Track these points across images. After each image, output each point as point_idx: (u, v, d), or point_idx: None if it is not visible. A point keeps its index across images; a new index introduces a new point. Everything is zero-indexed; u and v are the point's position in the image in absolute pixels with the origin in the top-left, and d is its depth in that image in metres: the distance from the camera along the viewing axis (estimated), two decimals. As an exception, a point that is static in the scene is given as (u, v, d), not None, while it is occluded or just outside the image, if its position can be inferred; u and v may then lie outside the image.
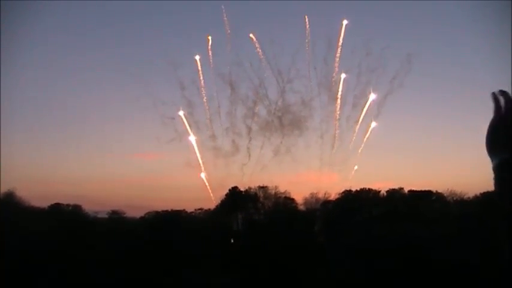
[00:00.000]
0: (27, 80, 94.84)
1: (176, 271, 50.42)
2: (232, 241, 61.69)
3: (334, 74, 65.08)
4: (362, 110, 64.47)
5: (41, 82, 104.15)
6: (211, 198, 66.94)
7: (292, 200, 63.41)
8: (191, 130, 66.27)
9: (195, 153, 65.54)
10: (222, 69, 70.09)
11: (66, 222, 58.30)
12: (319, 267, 50.18)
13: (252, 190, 62.92)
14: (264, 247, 53.83)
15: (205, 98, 66.91)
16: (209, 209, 65.24)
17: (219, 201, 62.73)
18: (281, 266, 50.87)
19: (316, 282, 48.67)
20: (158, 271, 50.31)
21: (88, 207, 65.17)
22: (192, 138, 65.46)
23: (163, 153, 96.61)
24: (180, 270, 50.44)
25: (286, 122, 67.34)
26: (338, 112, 66.24)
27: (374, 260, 47.88)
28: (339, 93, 65.16)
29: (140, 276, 49.02)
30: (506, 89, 2.79)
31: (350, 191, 63.50)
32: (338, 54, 64.31)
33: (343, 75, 64.75)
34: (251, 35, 65.35)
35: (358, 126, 65.97)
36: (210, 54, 66.63)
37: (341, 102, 65.57)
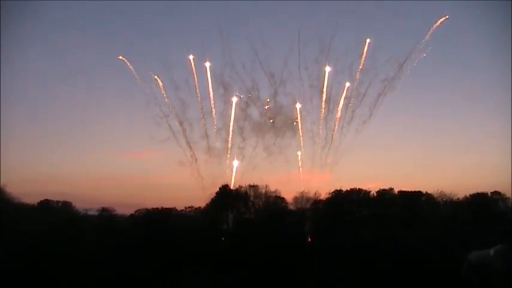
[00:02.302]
0: (16, 78, 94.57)
1: (166, 270, 50.25)
2: (223, 239, 61.64)
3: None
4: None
5: (31, 79, 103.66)
6: (202, 196, 67.38)
7: (283, 199, 63.62)
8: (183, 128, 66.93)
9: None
10: (215, 70, 70.44)
11: (57, 218, 58.25)
12: (309, 267, 50.22)
13: (242, 189, 63.06)
14: (254, 246, 53.82)
15: (198, 97, 67.58)
16: (199, 207, 65.26)
17: (210, 200, 62.68)
18: (271, 265, 50.89)
19: (305, 282, 48.70)
20: (150, 270, 50.03)
21: (78, 205, 65.18)
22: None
23: (155, 152, 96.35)
24: (170, 269, 50.26)
25: (278, 123, 68.12)
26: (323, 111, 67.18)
27: (363, 261, 47.99)
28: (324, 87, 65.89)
29: (132, 274, 48.79)
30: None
31: (340, 190, 63.77)
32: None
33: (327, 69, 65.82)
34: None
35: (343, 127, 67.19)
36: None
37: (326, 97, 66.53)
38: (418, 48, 65.33)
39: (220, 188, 63.11)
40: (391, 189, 64.17)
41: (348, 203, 62.85)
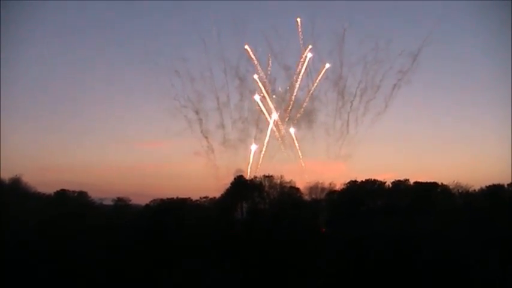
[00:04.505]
0: (33, 68, 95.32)
1: (178, 261, 50.02)
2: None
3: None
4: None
5: (48, 70, 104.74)
6: (217, 186, 67.92)
7: (297, 189, 63.34)
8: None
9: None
10: (231, 62, 71.03)
11: (72, 208, 58.46)
12: (322, 258, 49.97)
13: (257, 179, 62.88)
14: (268, 237, 53.67)
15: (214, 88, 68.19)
16: (214, 198, 65.21)
17: (225, 190, 62.64)
18: (285, 255, 50.75)
19: (319, 273, 48.51)
20: (159, 262, 49.85)
21: (93, 194, 65.55)
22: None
23: (170, 142, 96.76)
24: (181, 260, 50.10)
25: (294, 114, 68.73)
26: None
27: (377, 252, 47.70)
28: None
29: (140, 266, 48.71)
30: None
31: (355, 181, 63.49)
32: None
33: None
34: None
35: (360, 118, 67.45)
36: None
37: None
38: (428, 41, 65.65)
39: (235, 178, 63.21)
40: (407, 180, 63.92)
41: (363, 194, 62.44)
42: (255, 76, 70.42)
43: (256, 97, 71.06)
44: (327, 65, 70.64)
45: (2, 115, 72.69)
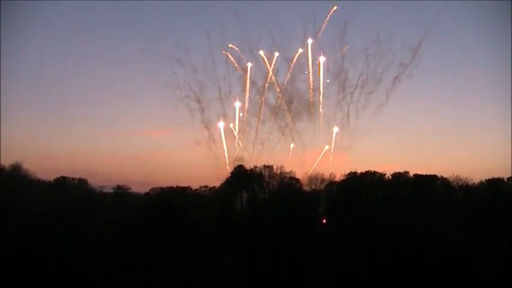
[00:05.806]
0: (34, 54, 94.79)
1: (181, 251, 49.98)
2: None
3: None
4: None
5: (50, 56, 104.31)
6: (217, 175, 68.00)
7: (297, 180, 63.38)
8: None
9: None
10: (234, 54, 70.77)
11: (71, 195, 58.41)
12: (321, 252, 49.93)
13: (257, 169, 62.85)
14: (267, 228, 53.65)
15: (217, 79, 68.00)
16: (214, 187, 65.37)
17: (225, 179, 62.71)
18: (283, 249, 50.75)
19: (317, 267, 48.51)
20: (159, 253, 49.71)
21: (94, 182, 65.67)
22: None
23: (171, 131, 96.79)
24: (184, 249, 50.05)
25: (294, 106, 68.65)
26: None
27: (376, 247, 47.77)
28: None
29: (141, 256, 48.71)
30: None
31: (355, 173, 63.40)
32: None
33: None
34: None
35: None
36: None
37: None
38: (429, 34, 65.54)
39: (235, 168, 63.32)
40: (406, 172, 63.89)
41: (362, 185, 62.46)
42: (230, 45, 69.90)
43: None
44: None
45: (2, 102, 72.32)
